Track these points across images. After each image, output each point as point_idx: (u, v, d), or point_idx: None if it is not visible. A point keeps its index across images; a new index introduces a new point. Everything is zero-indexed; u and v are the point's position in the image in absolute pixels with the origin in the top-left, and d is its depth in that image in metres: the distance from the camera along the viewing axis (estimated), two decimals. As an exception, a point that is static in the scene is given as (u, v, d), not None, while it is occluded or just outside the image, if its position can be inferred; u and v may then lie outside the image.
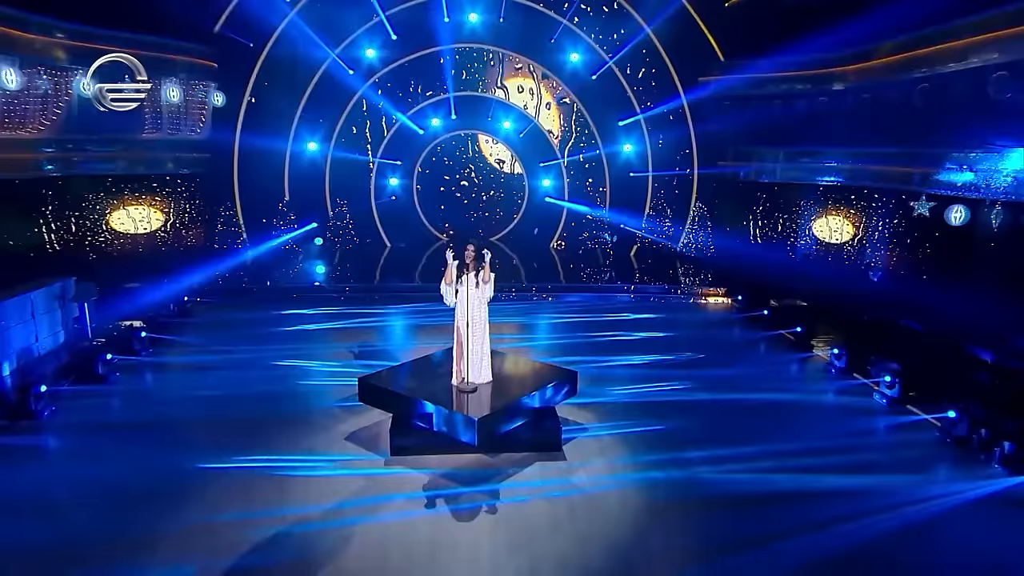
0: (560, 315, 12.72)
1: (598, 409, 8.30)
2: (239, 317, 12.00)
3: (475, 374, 7.30)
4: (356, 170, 17.21)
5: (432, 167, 17.89)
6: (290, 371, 9.38)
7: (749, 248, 15.51)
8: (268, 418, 7.83)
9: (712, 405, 8.51)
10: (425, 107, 17.28)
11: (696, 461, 7.06)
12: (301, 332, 11.24)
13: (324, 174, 16.99)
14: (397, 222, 17.68)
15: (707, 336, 11.47)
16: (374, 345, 10.57)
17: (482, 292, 7.19)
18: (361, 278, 14.82)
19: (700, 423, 7.96)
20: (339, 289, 13.92)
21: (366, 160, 17.36)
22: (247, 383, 8.83)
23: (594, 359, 9.94)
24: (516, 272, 15.53)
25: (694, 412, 8.29)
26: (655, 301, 14.02)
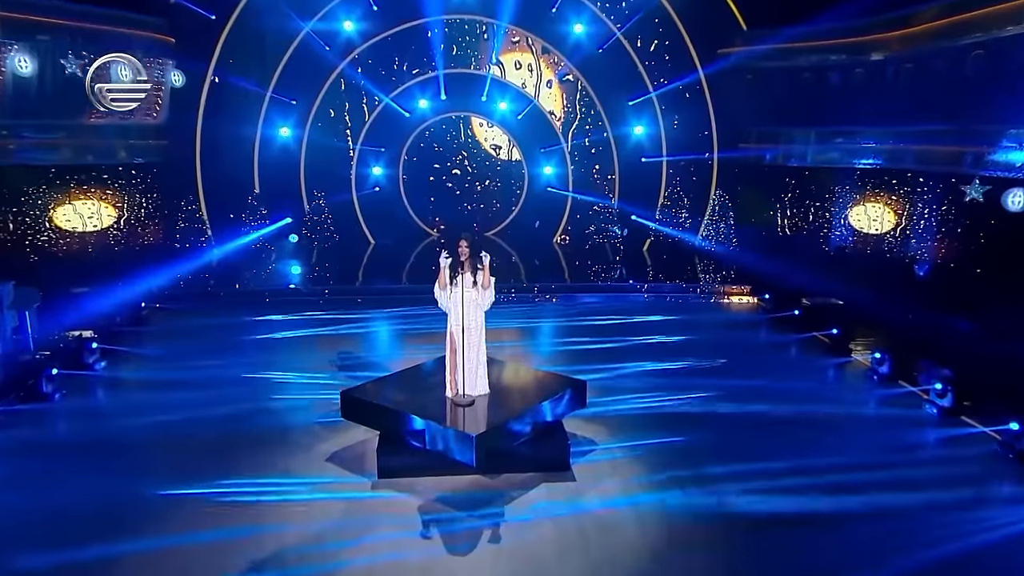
0: (565, 318, 12.75)
1: (610, 423, 8.30)
2: (204, 325, 11.98)
3: (471, 385, 7.29)
4: (335, 158, 17.21)
5: (420, 154, 17.88)
6: (263, 385, 9.38)
7: (777, 240, 15.51)
8: (238, 438, 7.83)
9: (737, 417, 8.52)
10: (411, 87, 17.28)
11: (720, 479, 7.06)
12: (275, 341, 11.25)
13: (299, 163, 16.98)
14: (381, 216, 17.67)
15: (730, 340, 11.49)
16: (357, 354, 10.58)
17: (479, 296, 7.22)
18: (342, 279, 14.79)
19: (724, 437, 7.97)
20: (317, 292, 13.93)
21: (346, 147, 17.35)
22: (214, 399, 8.82)
23: (604, 367, 9.94)
24: (515, 270, 15.56)
25: (717, 425, 8.29)
26: (671, 301, 14.10)
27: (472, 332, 7.21)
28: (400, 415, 6.96)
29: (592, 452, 7.61)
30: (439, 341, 7.77)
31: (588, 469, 7.25)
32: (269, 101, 16.33)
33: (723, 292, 14.45)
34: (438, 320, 7.86)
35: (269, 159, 16.59)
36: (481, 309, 7.30)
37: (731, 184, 16.73)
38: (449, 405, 7.14)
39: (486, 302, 7.28)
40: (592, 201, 17.74)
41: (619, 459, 7.47)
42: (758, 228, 16.08)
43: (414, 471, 7.00)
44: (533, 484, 6.97)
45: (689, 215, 17.04)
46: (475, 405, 7.14)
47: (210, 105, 15.54)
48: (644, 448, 7.67)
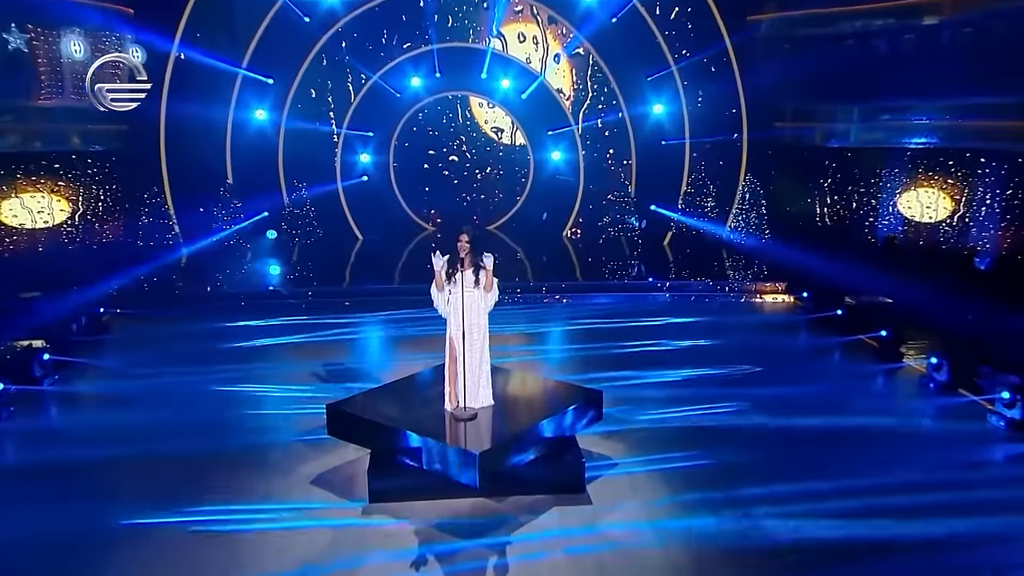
0: (578, 321, 12.72)
1: (629, 438, 8.26)
2: (171, 332, 11.95)
3: (473, 397, 7.26)
4: (317, 144, 17.32)
5: (413, 139, 17.98)
6: (238, 399, 9.36)
7: (816, 231, 15.52)
8: (211, 460, 7.81)
9: (774, 431, 8.47)
10: (402, 63, 17.35)
11: (755, 502, 6.99)
12: (252, 350, 11.25)
13: (276, 149, 17.08)
14: (370, 209, 17.77)
15: (764, 344, 11.47)
16: (345, 364, 10.56)
17: (482, 297, 7.18)
18: (326, 280, 14.79)
19: (759, 454, 7.92)
20: (299, 294, 13.94)
21: (329, 131, 17.42)
22: (183, 416, 8.80)
23: (623, 375, 9.94)
24: (521, 269, 15.54)
25: (751, 440, 8.25)
26: (697, 301, 14.07)
27: (474, 337, 7.19)
28: (393, 431, 6.95)
29: (610, 471, 7.58)
30: (437, 348, 7.78)
31: (606, 490, 7.22)
32: (242, 80, 16.41)
33: (755, 291, 14.46)
34: (436, 324, 7.86)
35: (243, 145, 16.68)
36: (484, 311, 7.28)
37: (763, 168, 16.80)
38: (449, 419, 7.13)
39: (489, 303, 7.27)
40: (606, 190, 17.77)
41: (640, 479, 7.44)
42: (794, 218, 16.13)
43: (410, 494, 6.98)
44: (544, 508, 6.93)
45: (716, 204, 17.16)
46: (477, 419, 7.11)
47: (175, 85, 15.61)
48: (669, 467, 7.65)
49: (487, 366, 7.38)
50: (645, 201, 17.63)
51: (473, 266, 7.18)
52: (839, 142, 15.39)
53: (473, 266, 7.18)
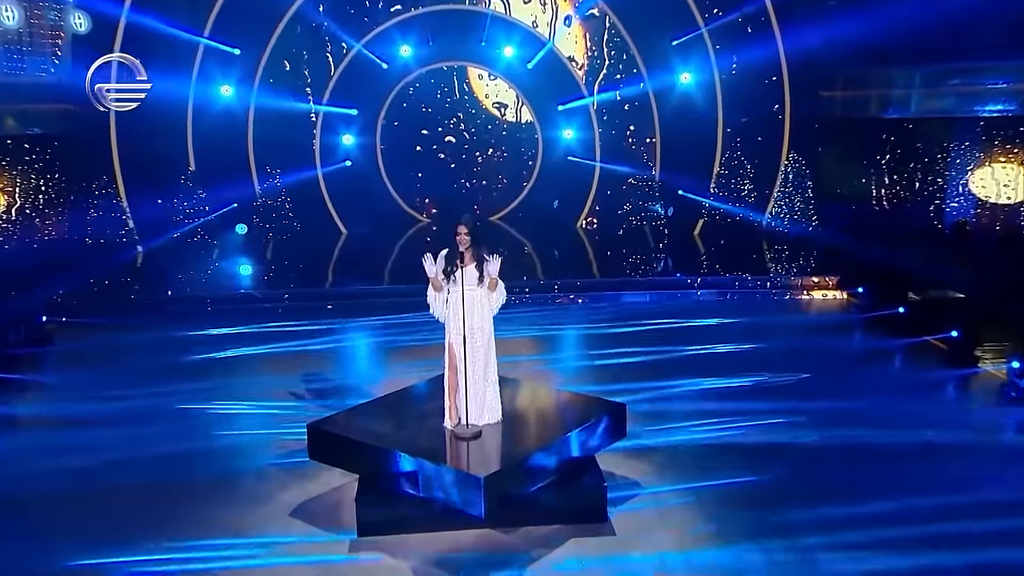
0: (596, 324, 12.75)
1: (658, 458, 8.26)
2: (126, 343, 11.90)
3: (478, 412, 7.26)
4: (292, 125, 17.28)
5: (403, 117, 17.96)
6: (205, 419, 9.38)
7: (872, 216, 15.45)
8: (175, 489, 7.81)
9: (827, 448, 8.44)
10: (389, 29, 17.32)
11: (807, 531, 6.93)
12: (220, 362, 11.27)
13: (246, 131, 17.03)
14: (355, 198, 17.73)
15: (814, 348, 11.45)
16: (328, 376, 10.61)
17: (485, 296, 7.22)
18: (306, 280, 14.80)
19: (810, 475, 7.88)
20: (274, 297, 13.95)
21: (306, 109, 17.36)
22: (141, 440, 8.76)
23: (649, 386, 9.95)
24: (530, 265, 15.56)
25: (800, 460, 8.22)
26: (734, 300, 14.11)
27: (477, 343, 7.19)
28: (385, 453, 6.95)
29: (636, 497, 7.57)
30: (434, 356, 7.79)
31: (631, 520, 7.19)
32: (204, 51, 16.38)
33: (802, 286, 14.43)
34: (433, 330, 7.83)
35: (207, 127, 16.65)
36: (488, 313, 7.31)
37: (809, 145, 16.73)
38: (449, 439, 7.14)
39: (495, 303, 7.30)
40: (627, 173, 17.73)
41: (671, 506, 7.42)
42: (847, 201, 16.07)
43: (404, 526, 6.96)
44: (560, 540, 6.89)
45: (754, 187, 17.11)
46: (482, 438, 7.12)
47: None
48: (704, 491, 7.61)
49: (493, 376, 7.35)
50: (672, 185, 17.58)
51: (475, 261, 7.17)
52: (898, 112, 15.34)
53: (475, 261, 7.17)
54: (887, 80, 15.33)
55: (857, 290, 13.76)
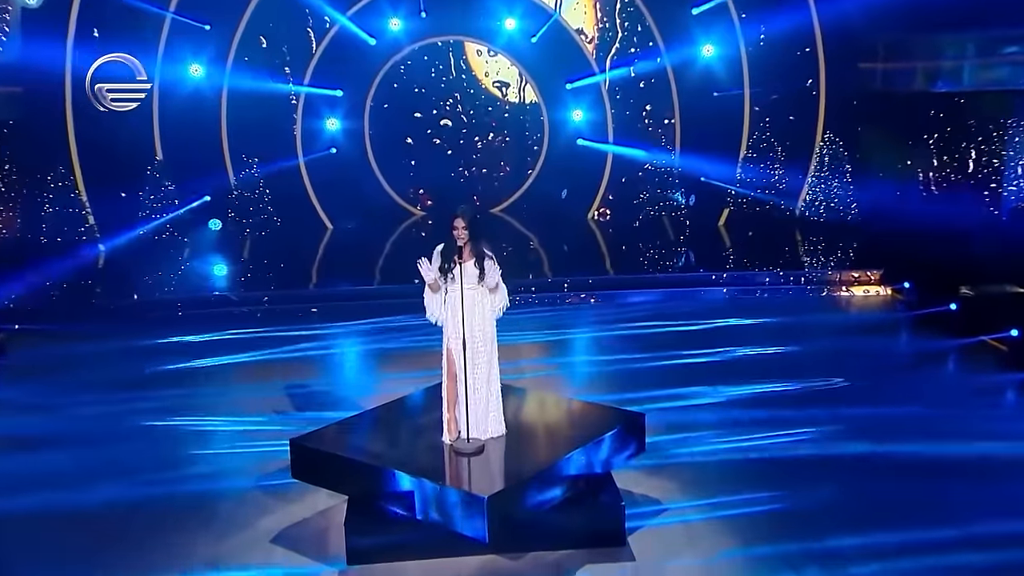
0: (610, 326, 12.78)
1: (681, 474, 8.21)
2: (87, 353, 11.92)
3: (480, 425, 7.23)
4: (270, 107, 17.25)
5: (393, 99, 17.96)
6: (176, 437, 9.37)
7: (919, 202, 15.34)
8: (142, 516, 7.75)
9: (871, 462, 8.37)
10: (377, 0, 17.23)
11: (849, 557, 6.82)
12: (192, 373, 11.27)
13: (218, 115, 16.98)
14: (341, 189, 17.70)
15: (854, 350, 11.41)
16: (313, 387, 10.64)
17: (486, 296, 7.29)
18: (287, 281, 14.81)
19: (852, 494, 7.79)
20: (253, 300, 13.97)
21: (286, 91, 17.34)
22: (104, 462, 8.71)
23: (670, 394, 9.95)
24: (536, 261, 15.51)
25: (840, 476, 8.13)
26: (764, 297, 14.12)
27: (479, 348, 7.17)
28: (377, 472, 6.88)
29: (657, 518, 7.53)
30: (431, 364, 7.82)
31: (652, 543, 7.13)
32: (171, 26, 16.32)
33: (840, 281, 14.33)
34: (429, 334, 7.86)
35: (175, 111, 16.59)
36: (490, 314, 7.34)
37: (848, 123, 16.64)
38: (448, 455, 7.11)
39: (497, 304, 7.31)
40: (643, 158, 17.64)
41: (697, 527, 7.36)
42: (890, 186, 15.92)
43: (399, 553, 6.91)
44: (573, 566, 6.83)
45: (786, 171, 16.97)
46: (485, 454, 7.08)
47: (83, 33, 15.48)
48: (733, 511, 7.54)
49: (496, 385, 7.34)
50: (693, 171, 17.48)
51: (474, 257, 7.14)
52: (948, 85, 15.25)
53: (474, 257, 7.14)
54: (935, 49, 15.25)
55: (903, 285, 13.70)
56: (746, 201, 17.17)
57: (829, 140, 16.58)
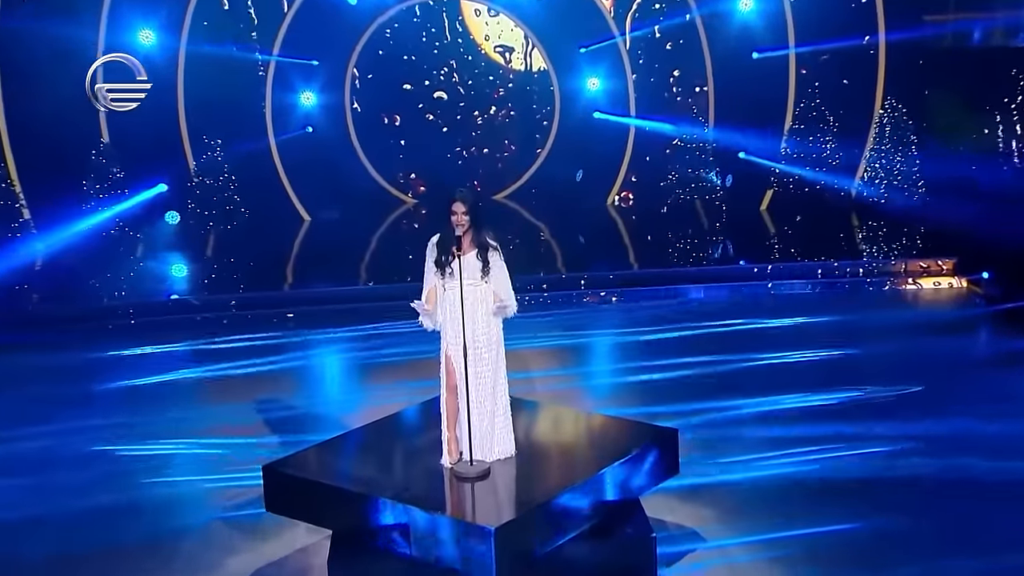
0: (635, 328, 12.77)
1: (723, 500, 8.22)
2: (25, 367, 11.96)
3: (484, 445, 7.17)
4: (235, 80, 17.27)
5: (379, 69, 18.05)
6: (130, 464, 9.36)
7: (998, 179, 15.26)
8: (93, 557, 7.70)
9: (945, 484, 8.32)
10: (357, -47, 17.59)
11: None
12: (148, 389, 11.32)
13: (175, 91, 16.96)
14: (319, 175, 17.71)
15: (924, 352, 11.48)
16: (289, 404, 10.68)
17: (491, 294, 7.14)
18: (258, 282, 14.83)
19: (925, 520, 7.76)
20: (218, 305, 14.01)
21: (253, 61, 17.33)
22: (48, 494, 8.73)
23: (707, 406, 9.97)
24: (548, 255, 15.60)
25: (911, 498, 8.13)
26: (815, 292, 14.19)
27: (482, 355, 7.12)
28: (365, 501, 6.82)
29: (694, 553, 7.52)
30: (427, 374, 7.91)
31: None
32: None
33: (906, 272, 14.38)
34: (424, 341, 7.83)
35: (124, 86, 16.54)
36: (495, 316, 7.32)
37: (912, 86, 16.60)
38: (448, 480, 7.07)
39: (506, 305, 7.21)
40: (671, 132, 17.60)
41: (742, 564, 7.34)
42: (964, 159, 15.87)
43: None
44: None
45: (839, 145, 16.92)
46: (492, 478, 7.02)
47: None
48: (786, 543, 7.50)
49: (504, 398, 7.31)
50: (730, 146, 17.45)
51: (476, 247, 7.05)
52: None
53: (476, 247, 7.05)
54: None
55: (981, 276, 13.74)
56: (793, 181, 17.12)
57: (890, 107, 16.50)
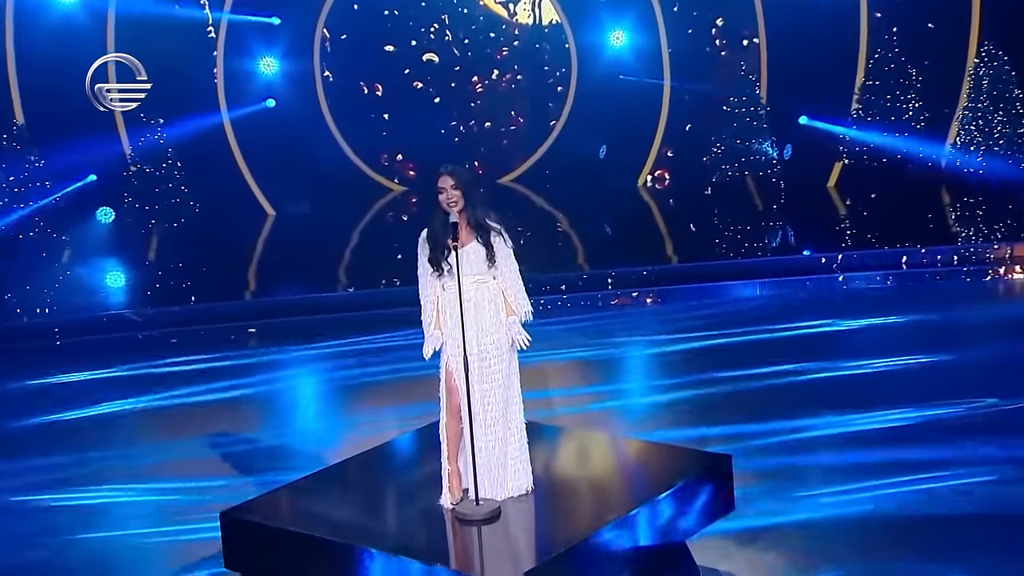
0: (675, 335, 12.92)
1: (785, 542, 8.01)
2: None
3: (495, 480, 7.11)
4: (178, 44, 17.45)
5: (353, 26, 18.42)
6: (61, 515, 9.25)
7: None
8: None
9: None
10: None
11: None
12: (81, 425, 11.31)
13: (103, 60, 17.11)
14: (284, 159, 17.87)
15: None
16: (252, 437, 10.68)
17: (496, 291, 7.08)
18: (212, 291, 14.99)
19: None
20: (163, 320, 14.15)
21: (200, 20, 17.55)
22: None
23: (766, 427, 9.95)
24: (566, 249, 15.82)
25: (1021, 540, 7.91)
26: (897, 286, 14.25)
27: (491, 368, 7.05)
28: (348, 553, 6.72)
29: None
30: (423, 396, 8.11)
31: None
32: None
33: (1011, 259, 14.52)
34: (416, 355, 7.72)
35: (40, 54, 16.73)
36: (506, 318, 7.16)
37: (1015, 28, 16.58)
38: (451, 524, 6.94)
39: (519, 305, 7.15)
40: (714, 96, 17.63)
41: None
42: None
43: None
44: None
45: (923, 106, 17.00)
46: (504, 519, 6.89)
47: None
48: None
49: (518, 421, 7.25)
50: (788, 110, 17.52)
51: (475, 232, 6.94)
52: None
53: (475, 232, 6.94)
54: None
55: None
56: (867, 150, 17.21)
57: (987, 55, 16.59)
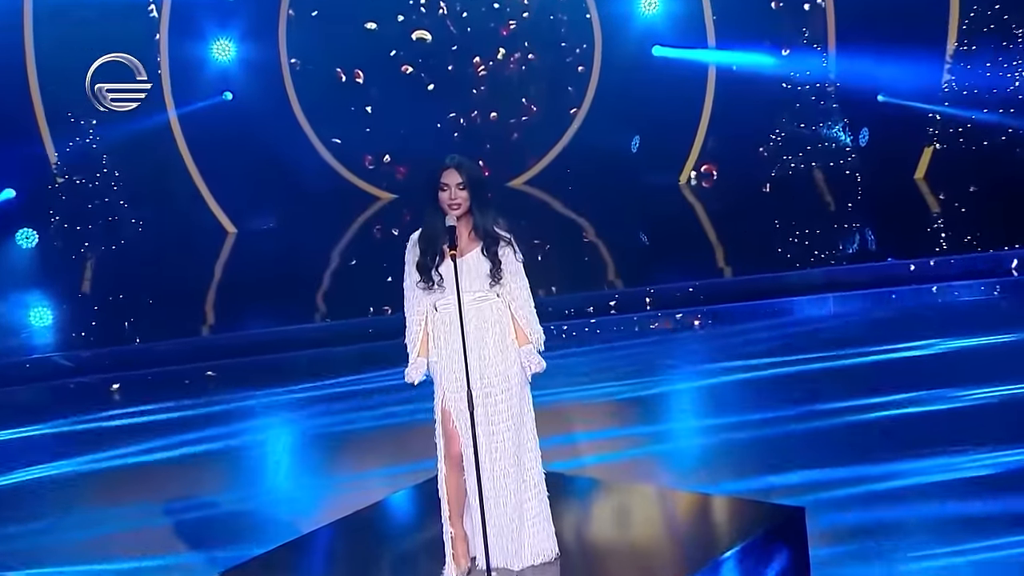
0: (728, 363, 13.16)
1: None
2: None
3: (509, 545, 7.20)
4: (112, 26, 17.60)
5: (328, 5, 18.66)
6: None
7: None
8: None
9: None
10: None
11: None
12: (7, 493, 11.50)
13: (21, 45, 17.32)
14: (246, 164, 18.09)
15: None
16: (213, 502, 10.82)
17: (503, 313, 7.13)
18: (161, 327, 15.34)
19: None
20: (102, 363, 14.36)
21: None
22: None
23: (848, 473, 10.04)
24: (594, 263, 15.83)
25: None
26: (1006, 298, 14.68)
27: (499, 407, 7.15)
28: None
29: None
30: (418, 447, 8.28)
31: None
32: None
33: None
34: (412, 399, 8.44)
35: None
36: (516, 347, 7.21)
37: None
38: None
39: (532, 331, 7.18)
40: (770, 69, 17.95)
41: None
42: None
43: None
44: None
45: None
46: None
47: None
48: None
49: (536, 472, 7.32)
50: (863, 85, 17.63)
51: (481, 240, 6.89)
52: None
53: (481, 240, 6.89)
54: None
55: None
56: (963, 131, 17.27)
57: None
